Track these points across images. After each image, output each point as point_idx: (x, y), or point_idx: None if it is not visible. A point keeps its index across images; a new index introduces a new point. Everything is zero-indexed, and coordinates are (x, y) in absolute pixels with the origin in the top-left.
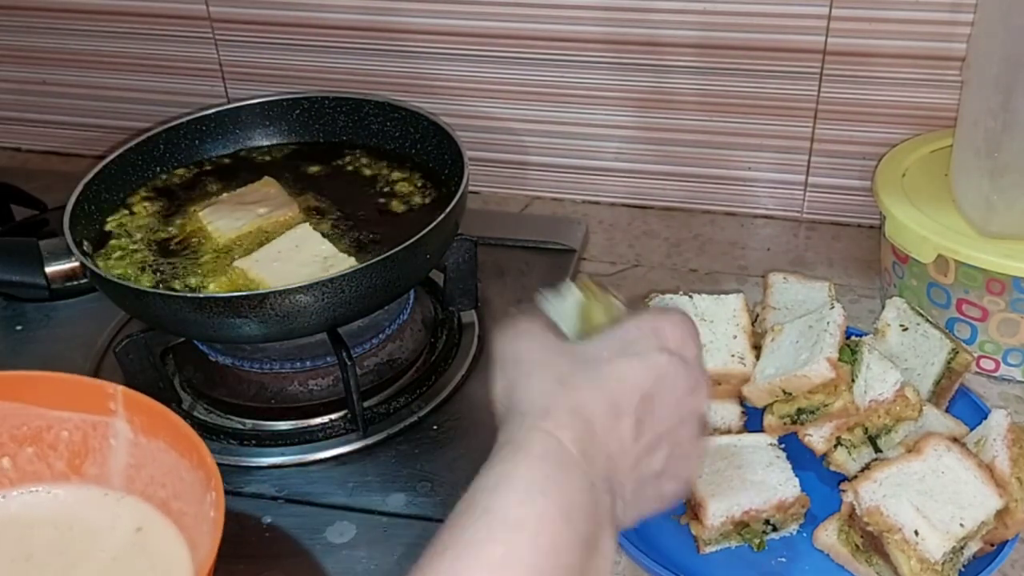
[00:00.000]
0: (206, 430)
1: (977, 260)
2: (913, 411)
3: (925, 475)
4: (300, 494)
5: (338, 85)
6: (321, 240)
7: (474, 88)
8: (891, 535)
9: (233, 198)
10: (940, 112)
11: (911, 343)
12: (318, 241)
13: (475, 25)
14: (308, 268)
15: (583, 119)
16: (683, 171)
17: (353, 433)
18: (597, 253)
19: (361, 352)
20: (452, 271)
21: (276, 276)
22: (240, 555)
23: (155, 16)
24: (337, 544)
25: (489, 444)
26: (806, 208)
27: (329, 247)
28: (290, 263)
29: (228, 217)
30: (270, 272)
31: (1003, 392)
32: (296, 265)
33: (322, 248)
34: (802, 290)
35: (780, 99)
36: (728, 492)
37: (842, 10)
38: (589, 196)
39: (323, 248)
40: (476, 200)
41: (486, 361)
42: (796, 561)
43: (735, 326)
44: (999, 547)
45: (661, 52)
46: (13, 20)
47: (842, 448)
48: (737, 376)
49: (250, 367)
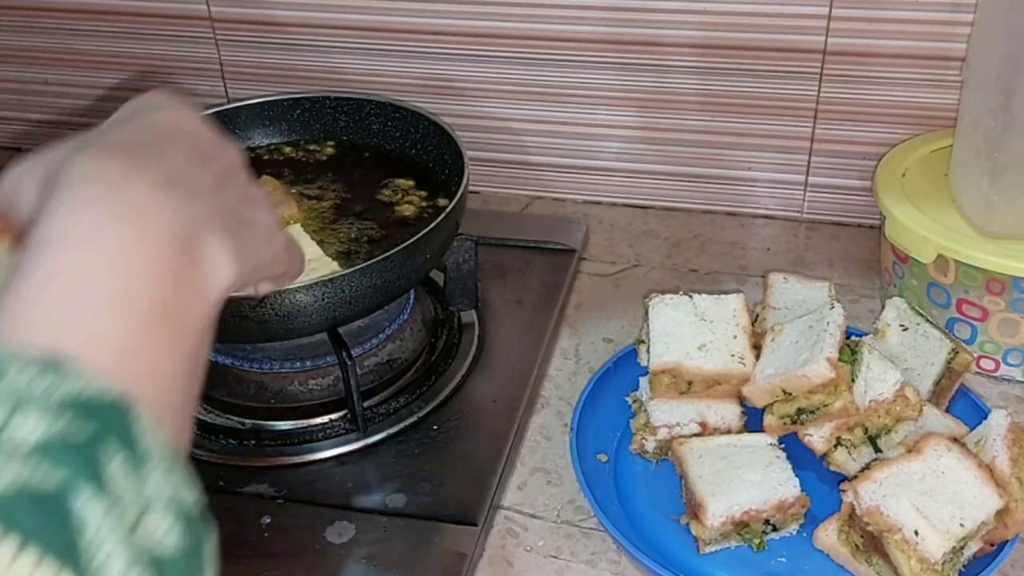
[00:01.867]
0: (206, 430)
1: (977, 260)
2: (913, 411)
3: (925, 475)
4: (300, 494)
5: (338, 85)
6: (309, 243)
7: (474, 88)
8: (891, 535)
9: None
10: (940, 112)
11: (911, 343)
12: (307, 243)
13: (475, 25)
14: None
15: (583, 119)
16: (683, 171)
17: (353, 433)
18: (597, 253)
19: (361, 352)
20: (452, 271)
21: None
22: (240, 555)
23: (155, 16)
24: (337, 544)
25: (489, 444)
26: (806, 208)
27: (316, 250)
28: None
29: None
30: None
31: (1003, 392)
32: None
33: (309, 251)
34: (802, 290)
35: (780, 99)
36: (728, 492)
37: (842, 10)
38: (589, 196)
39: (310, 251)
40: (476, 200)
41: (486, 361)
42: (796, 561)
43: (735, 326)
44: (999, 547)
45: (662, 52)
46: (13, 20)
47: (842, 448)
48: (737, 376)
49: (250, 367)
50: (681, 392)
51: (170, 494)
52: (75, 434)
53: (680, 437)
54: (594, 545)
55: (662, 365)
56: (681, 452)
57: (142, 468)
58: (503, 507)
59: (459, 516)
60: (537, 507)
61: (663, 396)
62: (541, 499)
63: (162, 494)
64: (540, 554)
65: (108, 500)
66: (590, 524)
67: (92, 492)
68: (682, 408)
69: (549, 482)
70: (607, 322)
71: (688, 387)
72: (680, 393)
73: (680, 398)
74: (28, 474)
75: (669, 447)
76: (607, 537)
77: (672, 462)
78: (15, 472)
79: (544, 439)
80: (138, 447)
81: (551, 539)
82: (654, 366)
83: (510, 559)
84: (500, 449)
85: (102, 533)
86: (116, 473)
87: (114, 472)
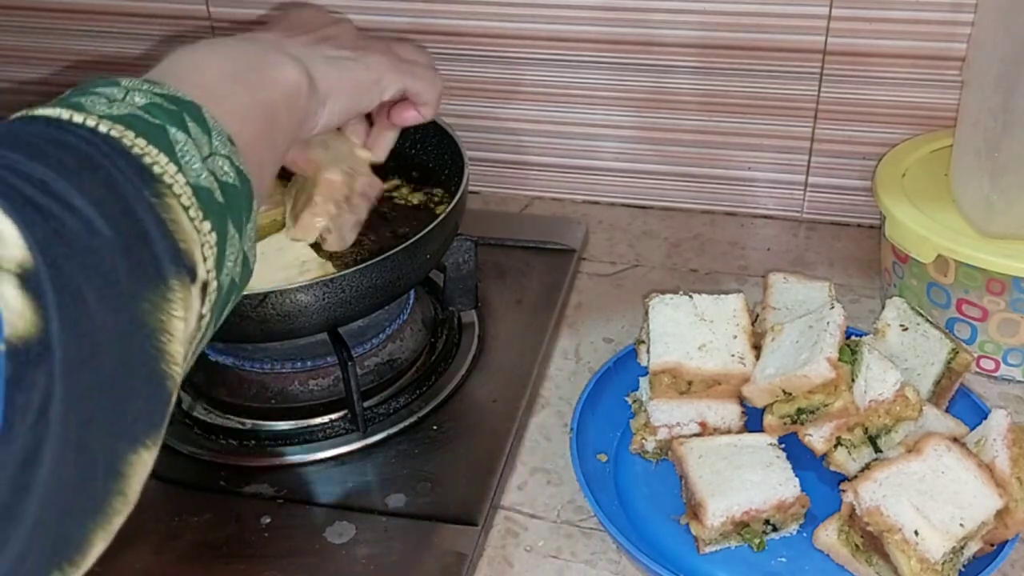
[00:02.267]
0: (206, 430)
1: (977, 260)
2: (913, 411)
3: (925, 475)
4: (300, 494)
5: None
6: (304, 244)
7: (474, 88)
8: (891, 535)
9: None
10: (940, 112)
11: (911, 343)
12: (301, 245)
13: (475, 25)
14: (285, 272)
15: (583, 119)
16: (683, 171)
17: (353, 433)
18: (597, 253)
19: (361, 352)
20: (452, 271)
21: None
22: (240, 555)
23: (155, 16)
24: (337, 544)
25: (489, 444)
26: (806, 208)
27: (309, 252)
28: (269, 266)
29: None
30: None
31: (1003, 392)
32: (275, 268)
33: (302, 252)
34: (802, 290)
35: (780, 99)
36: (728, 492)
37: (842, 10)
38: (589, 196)
39: (303, 252)
40: (476, 200)
41: (486, 361)
42: (796, 561)
43: (735, 326)
44: (999, 547)
45: (661, 52)
46: (13, 20)
47: (842, 448)
48: (737, 376)
49: (250, 367)
50: (681, 392)
51: (228, 154)
52: (167, 105)
53: (680, 437)
54: (594, 545)
55: (662, 365)
56: (681, 452)
57: (210, 135)
58: (503, 507)
59: (459, 516)
60: (537, 507)
61: (663, 396)
62: (541, 499)
63: (223, 151)
64: (540, 554)
65: (190, 137)
66: (590, 524)
67: (179, 130)
68: (682, 408)
69: (549, 482)
70: (607, 322)
71: (688, 387)
72: (680, 393)
73: (680, 398)
74: (139, 113)
75: (669, 447)
76: (607, 537)
77: (672, 462)
78: (130, 110)
79: (544, 439)
80: (206, 124)
81: (551, 539)
82: (654, 366)
83: (510, 559)
84: (500, 449)
85: (188, 148)
86: (194, 129)
87: (192, 128)
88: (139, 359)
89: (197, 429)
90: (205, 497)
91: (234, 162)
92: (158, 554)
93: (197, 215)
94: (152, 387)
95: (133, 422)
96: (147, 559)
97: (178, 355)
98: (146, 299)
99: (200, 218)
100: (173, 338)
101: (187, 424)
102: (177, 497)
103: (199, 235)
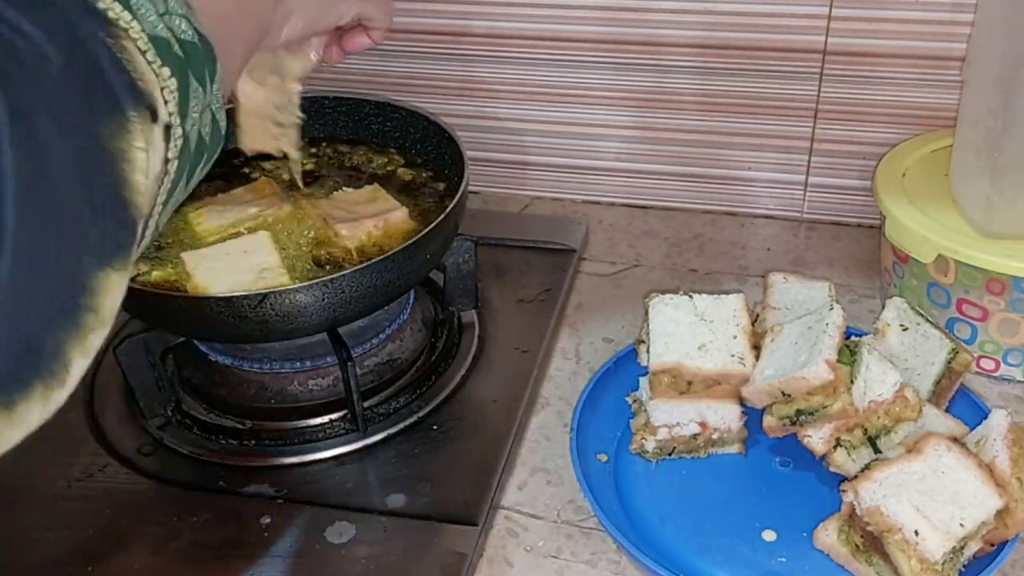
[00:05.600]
0: (206, 430)
1: (977, 260)
2: (912, 412)
3: (925, 475)
4: (300, 494)
5: (338, 85)
6: (271, 251)
7: (474, 88)
8: (891, 535)
9: (228, 198)
10: (940, 112)
11: (911, 343)
12: (268, 252)
13: (474, 25)
14: (241, 276)
15: (583, 119)
16: (683, 171)
17: (353, 433)
18: (597, 253)
19: (361, 352)
20: (452, 271)
21: (207, 276)
22: (240, 555)
23: None
24: (337, 544)
25: (489, 444)
26: (806, 208)
27: (274, 259)
28: (229, 268)
29: (218, 216)
30: (205, 271)
31: (1003, 392)
32: (233, 271)
33: (267, 259)
34: (802, 290)
35: (780, 99)
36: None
37: (842, 10)
38: (589, 196)
39: (268, 259)
40: (476, 200)
41: (486, 361)
42: (796, 561)
43: (735, 326)
44: (999, 547)
45: (661, 52)
46: None
47: (842, 449)
48: (737, 376)
49: (250, 367)
50: (681, 392)
51: (184, 14)
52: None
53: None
54: (594, 545)
55: (662, 365)
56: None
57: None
58: (503, 507)
59: (459, 516)
60: (537, 507)
61: (663, 396)
62: (541, 499)
63: (180, 11)
64: (540, 554)
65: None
66: (590, 524)
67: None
68: (682, 408)
69: (549, 482)
70: (607, 322)
71: (688, 387)
72: (680, 393)
73: (680, 398)
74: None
75: (669, 447)
76: (607, 537)
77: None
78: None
79: (544, 439)
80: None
81: (551, 539)
82: (654, 366)
83: (510, 559)
84: (500, 449)
85: (142, 2)
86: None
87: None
88: (98, 180)
89: (197, 429)
90: (205, 497)
91: (191, 22)
92: (157, 554)
93: (155, 60)
94: (114, 210)
95: (98, 241)
96: (146, 559)
97: (140, 185)
98: (103, 125)
99: (158, 64)
100: (134, 167)
101: (187, 424)
102: (177, 497)
103: (158, 79)
